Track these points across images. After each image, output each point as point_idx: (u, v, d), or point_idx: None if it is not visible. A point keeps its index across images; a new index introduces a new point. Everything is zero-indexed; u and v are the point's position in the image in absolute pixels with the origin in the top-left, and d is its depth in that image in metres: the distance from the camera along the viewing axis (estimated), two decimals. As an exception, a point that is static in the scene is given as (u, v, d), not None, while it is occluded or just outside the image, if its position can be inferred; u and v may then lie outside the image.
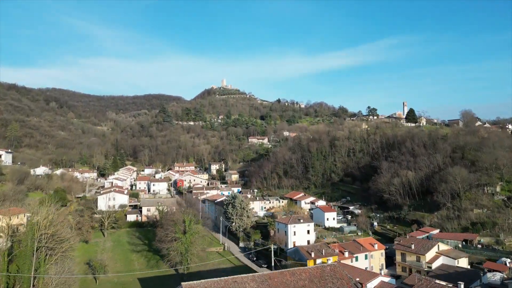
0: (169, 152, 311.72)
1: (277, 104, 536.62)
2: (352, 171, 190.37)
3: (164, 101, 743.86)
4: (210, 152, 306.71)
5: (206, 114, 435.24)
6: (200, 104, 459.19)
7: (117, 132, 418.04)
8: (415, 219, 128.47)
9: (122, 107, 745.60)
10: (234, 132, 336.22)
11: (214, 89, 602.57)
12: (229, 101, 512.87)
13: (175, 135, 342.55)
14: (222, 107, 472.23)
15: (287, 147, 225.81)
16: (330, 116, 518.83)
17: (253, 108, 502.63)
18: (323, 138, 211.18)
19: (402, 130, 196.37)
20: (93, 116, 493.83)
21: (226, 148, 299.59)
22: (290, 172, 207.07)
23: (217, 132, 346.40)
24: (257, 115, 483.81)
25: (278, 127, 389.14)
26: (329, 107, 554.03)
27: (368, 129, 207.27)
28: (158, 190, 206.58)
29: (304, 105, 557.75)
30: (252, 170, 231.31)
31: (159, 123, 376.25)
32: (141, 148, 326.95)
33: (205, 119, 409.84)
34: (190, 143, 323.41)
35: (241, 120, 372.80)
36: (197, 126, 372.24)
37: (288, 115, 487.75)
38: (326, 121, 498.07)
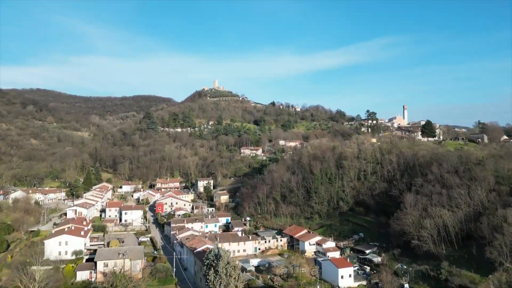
0: (152, 165, 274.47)
1: (272, 107, 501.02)
2: (364, 198, 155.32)
3: (154, 102, 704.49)
4: (197, 165, 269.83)
5: (196, 119, 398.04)
6: (189, 108, 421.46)
7: (99, 138, 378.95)
8: (464, 285, 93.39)
9: (110, 109, 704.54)
10: (225, 141, 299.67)
11: (205, 91, 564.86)
12: (220, 104, 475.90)
13: (160, 144, 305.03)
14: (213, 111, 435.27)
15: (285, 165, 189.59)
16: (327, 120, 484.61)
17: (246, 112, 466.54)
18: (327, 156, 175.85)
19: (422, 148, 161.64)
20: (75, 121, 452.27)
21: (215, 161, 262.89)
22: (289, 197, 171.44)
23: (206, 141, 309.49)
24: (251, 120, 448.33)
25: (273, 134, 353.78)
26: (326, 110, 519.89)
27: (380, 145, 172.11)
28: (131, 220, 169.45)
29: (300, 108, 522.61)
30: (245, 192, 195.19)
31: (142, 130, 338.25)
32: (121, 160, 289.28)
33: (194, 125, 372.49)
34: (175, 153, 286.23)
35: (232, 127, 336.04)
36: (184, 133, 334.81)
37: (283, 119, 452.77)
38: (323, 126, 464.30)
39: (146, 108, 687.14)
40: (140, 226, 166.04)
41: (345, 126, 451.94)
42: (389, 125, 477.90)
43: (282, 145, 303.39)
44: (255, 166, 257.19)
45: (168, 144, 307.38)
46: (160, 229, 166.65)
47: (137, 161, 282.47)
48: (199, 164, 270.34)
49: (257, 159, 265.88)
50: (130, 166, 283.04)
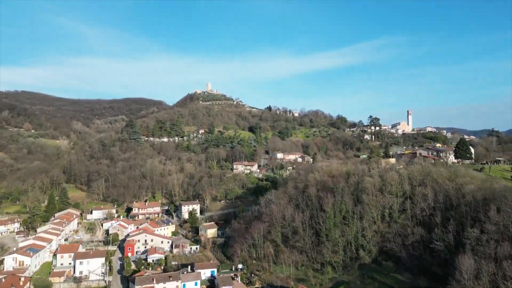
0: (130, 184, 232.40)
1: (268, 112, 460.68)
2: (393, 248, 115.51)
3: (144, 105, 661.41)
4: (183, 184, 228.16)
5: (185, 127, 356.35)
6: (178, 114, 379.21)
7: (78, 149, 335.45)
8: None
9: (98, 112, 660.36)
10: (215, 155, 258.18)
11: (197, 94, 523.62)
12: (213, 109, 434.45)
13: (141, 158, 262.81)
14: (204, 117, 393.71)
15: (287, 195, 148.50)
16: (328, 126, 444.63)
17: (240, 118, 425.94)
18: (341, 186, 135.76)
19: (466, 181, 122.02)
20: (54, 127, 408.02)
21: (204, 180, 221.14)
22: (292, 240, 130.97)
23: (195, 155, 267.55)
24: (245, 126, 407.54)
25: (270, 144, 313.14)
26: (326, 115, 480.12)
27: (409, 173, 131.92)
28: (88, 271, 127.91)
29: (298, 113, 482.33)
30: (236, 228, 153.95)
31: (123, 141, 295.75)
32: (96, 177, 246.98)
33: (182, 133, 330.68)
34: (159, 169, 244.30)
35: (225, 137, 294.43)
36: (171, 144, 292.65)
37: (280, 126, 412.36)
38: (324, 133, 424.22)
39: (136, 111, 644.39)
40: (99, 280, 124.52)
41: (346, 133, 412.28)
42: (393, 131, 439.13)
43: (280, 159, 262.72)
44: (249, 186, 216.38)
45: (151, 157, 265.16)
46: (125, 284, 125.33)
47: (114, 178, 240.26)
48: (185, 182, 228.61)
49: (252, 177, 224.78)
50: (106, 184, 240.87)
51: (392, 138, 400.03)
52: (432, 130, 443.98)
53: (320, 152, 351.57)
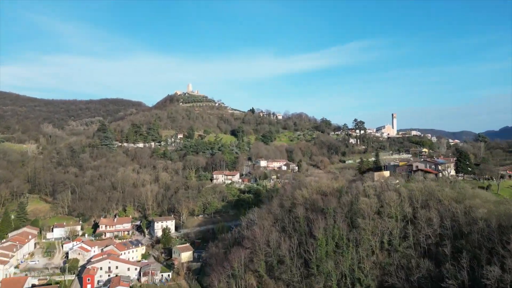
0: (99, 196, 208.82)
1: (251, 115, 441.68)
2: (396, 284, 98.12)
3: (122, 106, 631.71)
4: (157, 196, 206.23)
5: (163, 131, 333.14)
6: (155, 117, 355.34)
7: (46, 155, 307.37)
8: None
9: (74, 113, 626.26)
10: (194, 163, 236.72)
11: (177, 96, 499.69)
12: (193, 111, 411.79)
13: (113, 167, 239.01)
14: (184, 120, 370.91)
15: (272, 215, 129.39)
16: (312, 129, 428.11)
17: (222, 121, 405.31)
18: (332, 206, 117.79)
19: (476, 203, 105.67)
20: (22, 131, 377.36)
21: (180, 192, 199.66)
22: (278, 271, 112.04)
23: (171, 162, 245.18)
24: (227, 130, 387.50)
25: (253, 149, 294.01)
26: (310, 118, 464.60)
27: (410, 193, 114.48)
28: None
29: (282, 116, 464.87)
30: (214, 254, 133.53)
31: (94, 147, 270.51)
32: (62, 187, 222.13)
33: (159, 138, 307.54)
34: (131, 179, 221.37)
35: (205, 143, 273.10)
36: (146, 151, 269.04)
37: (263, 129, 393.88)
38: (308, 136, 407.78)
39: (113, 112, 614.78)
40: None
41: (331, 137, 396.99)
42: (378, 135, 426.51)
43: (264, 167, 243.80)
44: (230, 199, 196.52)
45: (124, 166, 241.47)
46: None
47: (81, 189, 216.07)
48: (159, 194, 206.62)
49: (233, 188, 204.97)
50: (72, 196, 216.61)
51: (378, 142, 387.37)
52: (417, 133, 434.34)
53: (305, 157, 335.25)
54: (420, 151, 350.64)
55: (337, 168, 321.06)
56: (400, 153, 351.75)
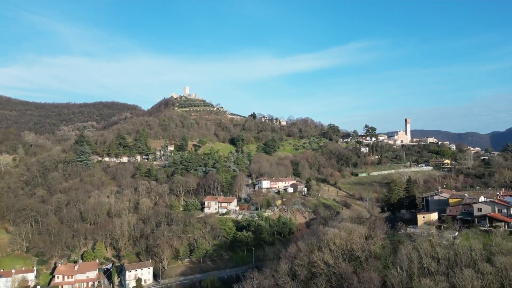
0: (64, 229, 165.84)
1: (252, 121, 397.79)
2: None
3: (117, 110, 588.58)
4: (135, 230, 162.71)
5: (153, 142, 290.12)
6: (144, 125, 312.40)
7: (19, 169, 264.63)
8: None
9: (66, 117, 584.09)
10: (183, 185, 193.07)
11: (173, 99, 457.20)
12: (189, 117, 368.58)
13: (86, 190, 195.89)
14: (177, 128, 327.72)
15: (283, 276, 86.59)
16: (319, 137, 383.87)
17: (220, 128, 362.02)
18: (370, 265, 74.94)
19: None
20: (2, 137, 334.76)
21: (162, 229, 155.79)
22: None
23: (156, 184, 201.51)
24: (226, 138, 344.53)
25: (254, 163, 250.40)
26: (316, 124, 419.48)
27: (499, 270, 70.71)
28: None
29: (286, 122, 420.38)
30: None
31: (69, 163, 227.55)
32: (23, 217, 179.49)
33: (147, 150, 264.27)
34: (105, 208, 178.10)
35: (196, 159, 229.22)
36: (129, 168, 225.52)
37: (265, 137, 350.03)
38: (315, 144, 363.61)
39: (107, 116, 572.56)
40: None
41: (340, 145, 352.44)
42: (391, 142, 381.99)
43: (267, 188, 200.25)
44: (224, 237, 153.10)
45: (100, 188, 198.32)
46: None
47: (45, 220, 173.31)
48: (137, 228, 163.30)
49: (228, 222, 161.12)
50: (36, 225, 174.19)
51: (392, 152, 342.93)
52: (433, 140, 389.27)
53: (312, 169, 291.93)
54: (442, 162, 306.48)
55: (350, 183, 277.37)
56: (419, 165, 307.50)
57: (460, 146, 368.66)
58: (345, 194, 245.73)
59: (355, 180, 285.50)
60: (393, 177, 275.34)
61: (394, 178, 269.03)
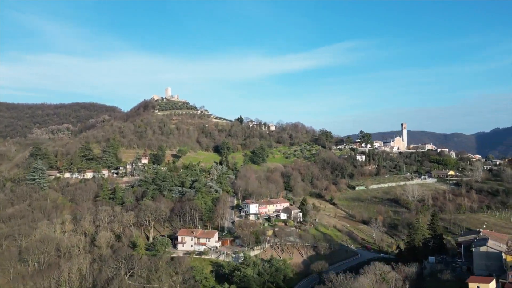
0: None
1: (238, 125, 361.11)
2: None
3: (95, 112, 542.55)
4: (85, 280, 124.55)
5: (125, 152, 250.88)
6: (117, 132, 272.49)
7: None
8: None
9: (40, 120, 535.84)
10: (152, 212, 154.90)
11: (154, 102, 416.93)
12: (169, 122, 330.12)
13: (33, 218, 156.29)
14: (155, 135, 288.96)
15: None
16: (310, 143, 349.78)
17: (204, 134, 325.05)
18: None
19: None
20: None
21: (121, 278, 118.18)
22: None
23: (121, 211, 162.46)
24: (209, 146, 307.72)
25: (240, 176, 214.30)
26: (307, 129, 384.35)
27: None
28: None
29: (275, 126, 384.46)
30: None
31: (19, 182, 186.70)
32: None
33: (116, 164, 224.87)
34: (53, 245, 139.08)
35: (171, 178, 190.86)
36: (90, 188, 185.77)
37: (253, 144, 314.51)
38: (307, 152, 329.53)
39: (84, 118, 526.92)
40: None
41: (333, 154, 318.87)
42: (387, 150, 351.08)
43: (255, 214, 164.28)
44: (205, 284, 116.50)
45: (51, 216, 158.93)
46: None
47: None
48: (89, 277, 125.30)
49: (206, 266, 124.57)
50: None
51: (390, 160, 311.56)
52: (432, 147, 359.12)
53: (305, 182, 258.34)
54: (446, 174, 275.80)
55: (348, 199, 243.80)
56: (422, 176, 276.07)
57: (461, 154, 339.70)
58: (344, 215, 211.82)
59: (352, 194, 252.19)
60: (395, 192, 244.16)
61: (397, 194, 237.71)
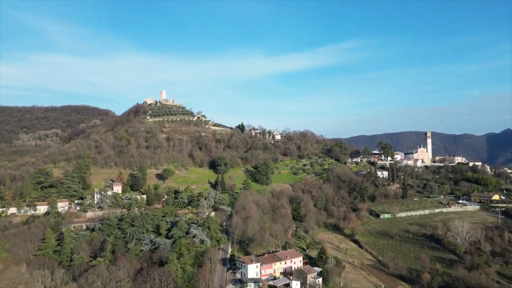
0: None
1: (239, 134, 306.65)
2: None
3: (86, 116, 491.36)
4: None
5: (99, 172, 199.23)
6: (93, 146, 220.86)
7: None
8: None
9: (28, 124, 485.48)
10: (104, 283, 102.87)
11: (146, 106, 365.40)
12: (158, 133, 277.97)
13: None
14: (139, 150, 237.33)
15: None
16: (322, 155, 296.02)
17: (197, 147, 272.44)
18: None
19: None
20: None
21: None
22: None
23: (63, 277, 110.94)
24: (204, 161, 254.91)
25: (238, 217, 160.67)
26: (317, 139, 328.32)
27: None
28: None
29: (281, 135, 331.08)
30: None
31: None
32: None
33: (80, 193, 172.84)
34: None
35: (143, 221, 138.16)
36: (38, 229, 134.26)
37: (255, 157, 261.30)
38: (318, 167, 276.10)
39: (75, 123, 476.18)
40: None
41: (349, 169, 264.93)
42: (411, 163, 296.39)
43: (255, 280, 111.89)
44: None
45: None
46: None
47: None
48: None
49: None
50: None
51: (417, 178, 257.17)
52: (462, 160, 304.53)
53: (317, 206, 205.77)
54: (489, 199, 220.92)
55: (373, 233, 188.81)
56: (460, 201, 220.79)
57: (497, 169, 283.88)
58: (373, 262, 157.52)
59: (377, 225, 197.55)
60: (431, 225, 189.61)
61: (437, 230, 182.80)
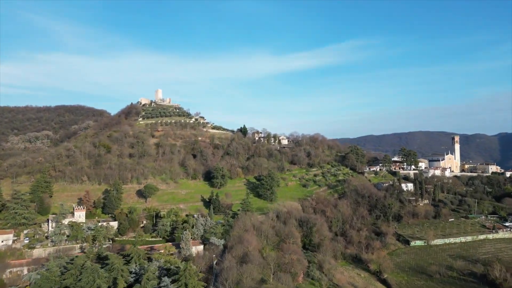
0: None
1: (240, 139, 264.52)
2: None
3: (81, 116, 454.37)
4: None
5: (67, 190, 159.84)
6: (64, 156, 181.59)
7: None
8: None
9: (19, 125, 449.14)
10: None
11: (140, 107, 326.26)
12: (148, 138, 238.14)
13: None
14: (121, 159, 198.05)
15: None
16: (336, 164, 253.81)
17: (192, 154, 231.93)
18: None
19: None
20: None
21: None
22: None
23: None
24: (198, 172, 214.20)
25: (231, 257, 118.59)
26: (329, 144, 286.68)
27: None
28: None
29: (287, 140, 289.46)
30: None
31: None
32: None
33: (32, 221, 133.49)
34: None
35: (90, 276, 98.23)
36: None
37: (258, 166, 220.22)
38: (331, 178, 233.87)
39: (68, 124, 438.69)
40: None
41: (368, 181, 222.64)
42: (438, 173, 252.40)
43: None
44: None
45: None
46: None
47: None
48: None
49: None
50: None
51: (452, 195, 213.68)
52: (497, 169, 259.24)
53: (333, 230, 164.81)
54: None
55: (404, 269, 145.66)
56: (507, 225, 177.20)
57: None
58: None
59: (410, 258, 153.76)
60: (483, 258, 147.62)
61: (490, 263, 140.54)
